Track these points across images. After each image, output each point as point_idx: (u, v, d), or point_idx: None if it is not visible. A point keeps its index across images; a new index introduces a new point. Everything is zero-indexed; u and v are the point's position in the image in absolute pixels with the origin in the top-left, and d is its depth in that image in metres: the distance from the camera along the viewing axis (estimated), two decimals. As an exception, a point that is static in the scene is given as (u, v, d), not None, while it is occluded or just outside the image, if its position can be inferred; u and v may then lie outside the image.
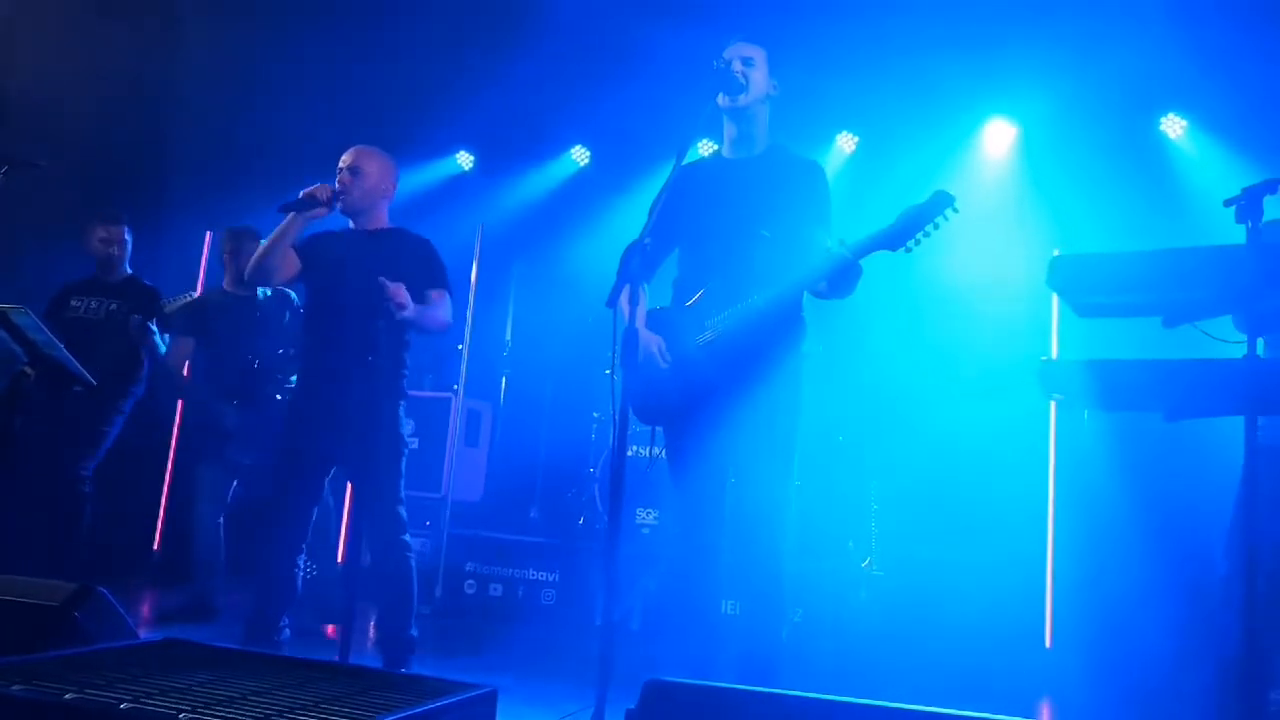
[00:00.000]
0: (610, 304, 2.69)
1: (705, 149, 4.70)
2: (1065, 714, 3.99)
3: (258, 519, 3.78)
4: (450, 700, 1.85)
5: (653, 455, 3.13)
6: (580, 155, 6.80)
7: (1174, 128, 5.44)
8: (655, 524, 5.32)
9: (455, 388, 5.85)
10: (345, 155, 3.52)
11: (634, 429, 3.37)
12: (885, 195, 4.28)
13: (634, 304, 2.56)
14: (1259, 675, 2.10)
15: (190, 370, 4.84)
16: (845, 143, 6.14)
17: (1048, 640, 4.65)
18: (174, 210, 6.09)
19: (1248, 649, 2.04)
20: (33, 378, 3.03)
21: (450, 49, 5.88)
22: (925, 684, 3.87)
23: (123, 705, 1.60)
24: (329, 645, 4.04)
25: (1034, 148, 5.69)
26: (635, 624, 4.68)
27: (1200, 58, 4.75)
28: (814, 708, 1.79)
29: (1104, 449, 4.75)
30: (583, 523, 5.64)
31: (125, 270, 4.90)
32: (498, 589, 5.13)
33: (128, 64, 5.67)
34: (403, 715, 1.70)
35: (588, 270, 5.19)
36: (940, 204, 2.75)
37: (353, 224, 3.55)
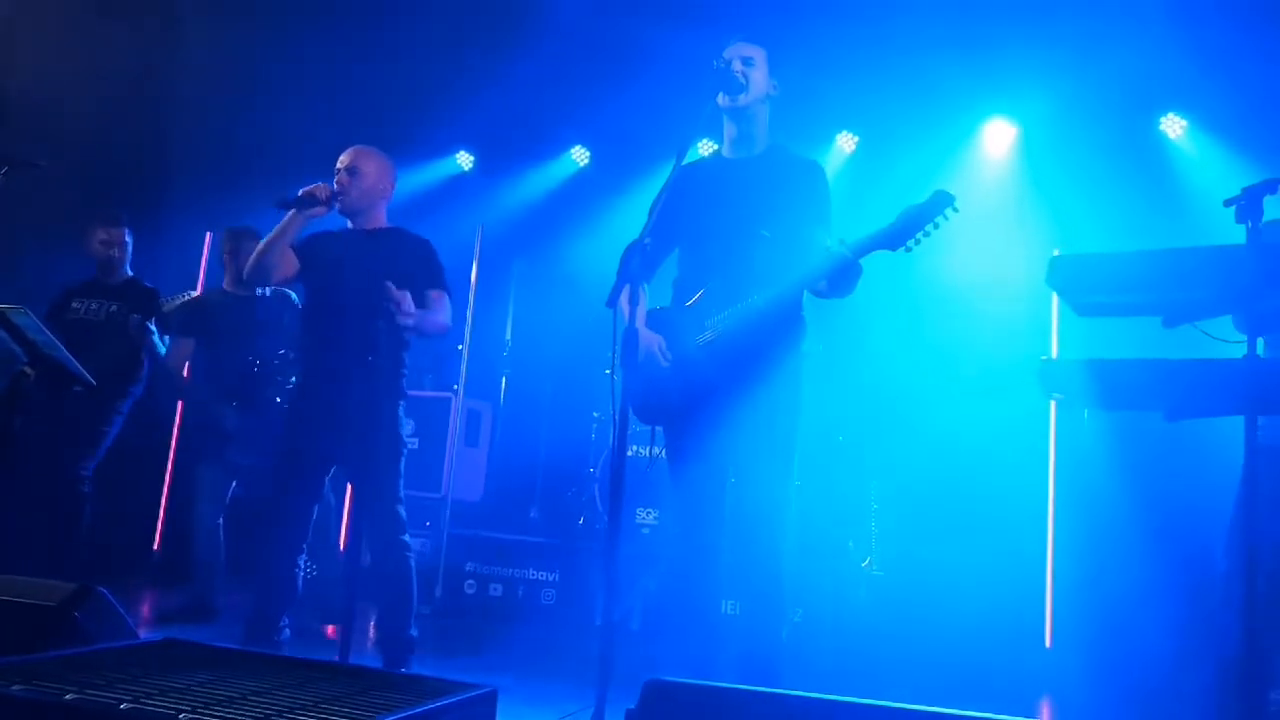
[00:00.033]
0: (610, 304, 2.69)
1: (705, 149, 4.70)
2: (1065, 714, 3.99)
3: (257, 519, 3.77)
4: (450, 700, 1.85)
5: (653, 455, 3.13)
6: (580, 155, 6.80)
7: (1174, 127, 5.44)
8: (655, 524, 5.31)
9: (455, 388, 5.86)
10: (343, 156, 3.52)
11: (634, 429, 3.37)
12: (885, 195, 4.27)
13: (634, 304, 2.56)
14: (1259, 675, 2.10)
15: (190, 371, 4.84)
16: (845, 142, 6.14)
17: (1048, 640, 4.65)
18: (174, 210, 6.09)
19: (1247, 649, 2.04)
20: (33, 378, 3.03)
21: (450, 49, 5.87)
22: (925, 683, 3.87)
23: (123, 705, 1.60)
24: (329, 645, 4.04)
25: (1034, 147, 5.69)
26: (635, 624, 4.68)
27: (1200, 58, 4.75)
28: (814, 707, 1.79)
29: (1104, 449, 4.75)
30: (583, 523, 5.64)
31: (126, 272, 4.90)
32: (498, 589, 5.13)
33: (128, 64, 5.67)
34: (403, 715, 1.70)
35: (588, 270, 5.19)
36: (940, 204, 2.75)
37: (351, 224, 3.54)
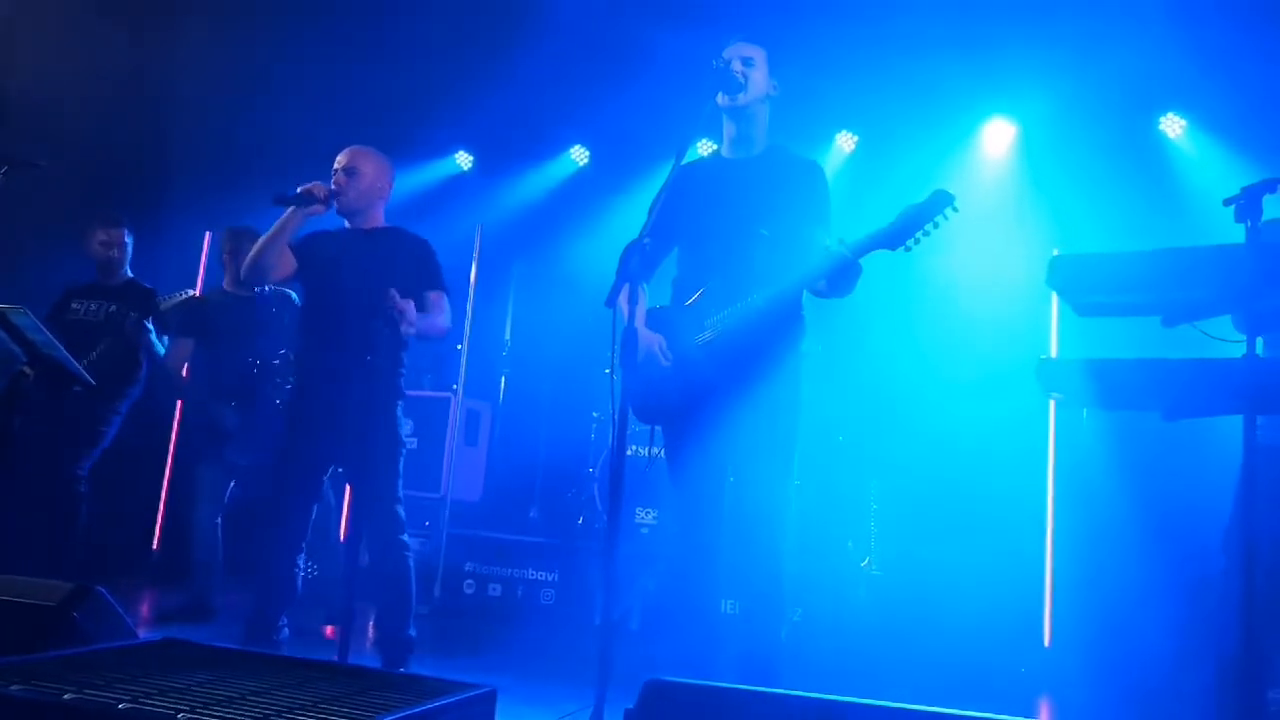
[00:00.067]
0: (609, 304, 2.69)
1: (705, 149, 4.70)
2: (1064, 713, 3.99)
3: (256, 519, 3.77)
4: (449, 700, 1.85)
5: (652, 455, 3.13)
6: (579, 155, 6.80)
7: (1173, 127, 5.44)
8: (654, 524, 5.31)
9: (454, 387, 5.86)
10: (340, 156, 3.51)
11: (633, 428, 3.37)
12: (885, 195, 4.27)
13: (633, 303, 2.56)
14: (1257, 674, 2.10)
15: (190, 370, 4.83)
16: (845, 142, 6.13)
17: (1046, 639, 4.65)
18: (174, 210, 6.08)
19: (1246, 648, 2.04)
20: (32, 378, 3.02)
21: (449, 49, 5.87)
22: (924, 683, 3.87)
23: (121, 705, 1.60)
24: (328, 645, 4.04)
25: (1033, 147, 5.69)
26: (634, 624, 4.68)
27: (1200, 57, 4.74)
28: (813, 707, 1.79)
29: (1103, 448, 4.74)
30: (582, 522, 5.63)
31: (126, 273, 4.90)
32: (497, 589, 5.13)
33: (128, 64, 5.67)
34: (402, 715, 1.70)
35: (587, 270, 5.19)
36: (940, 203, 2.75)
37: (349, 224, 3.53)
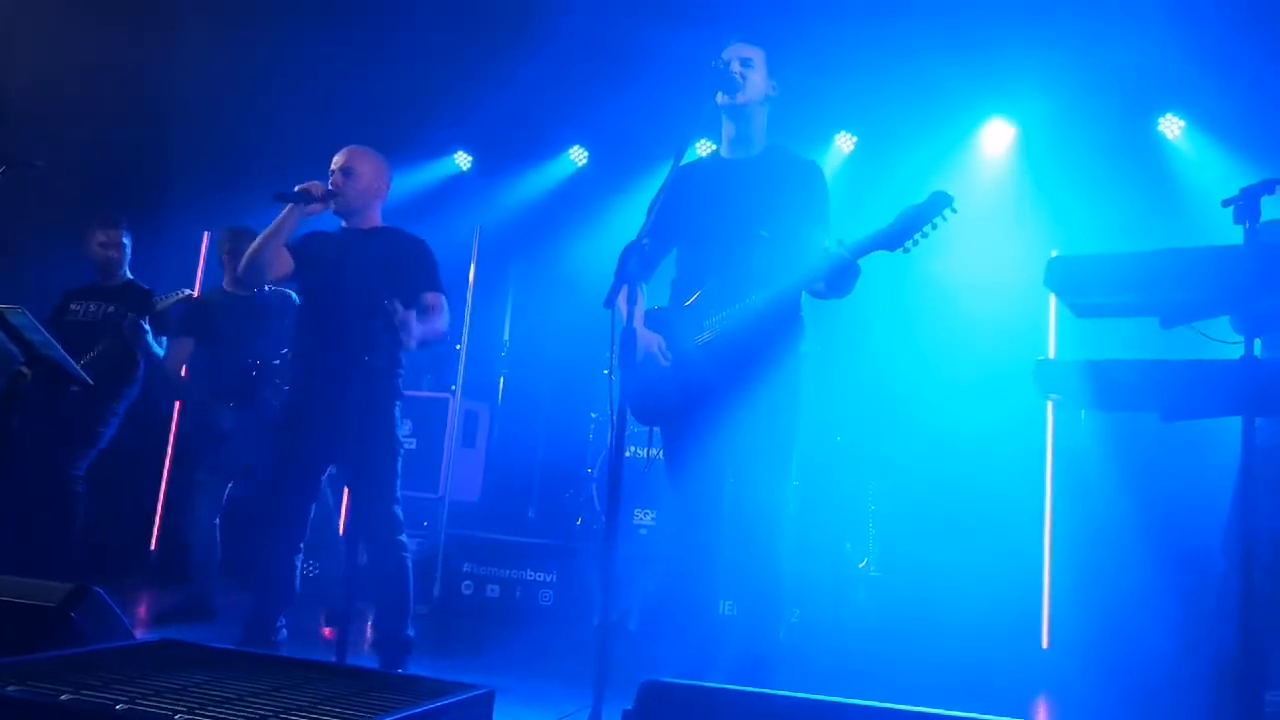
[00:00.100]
0: (608, 304, 2.69)
1: (704, 149, 4.70)
2: (1062, 714, 3.99)
3: (255, 519, 3.77)
4: (447, 701, 1.84)
5: (650, 456, 3.13)
6: (578, 155, 6.80)
7: (1172, 128, 5.45)
8: (653, 525, 5.31)
9: (453, 388, 5.85)
10: (337, 156, 3.50)
11: (632, 429, 3.38)
12: (884, 195, 4.27)
13: (632, 304, 2.56)
14: (1255, 676, 2.10)
15: (189, 371, 4.83)
16: (844, 143, 6.14)
17: (1045, 640, 4.65)
18: (173, 210, 6.08)
19: (1244, 650, 2.04)
20: (29, 378, 3.02)
21: (448, 50, 5.87)
22: (922, 684, 3.87)
23: (119, 706, 1.60)
24: (326, 645, 4.04)
25: (1033, 148, 5.69)
26: (633, 624, 4.67)
27: (1198, 58, 4.75)
28: (810, 708, 1.79)
29: (1101, 449, 4.75)
30: (580, 523, 5.63)
31: (125, 274, 4.90)
32: (495, 589, 5.12)
33: (128, 64, 5.67)
34: (400, 716, 1.70)
35: (586, 270, 5.19)
36: (939, 204, 2.75)
37: (346, 224, 3.53)
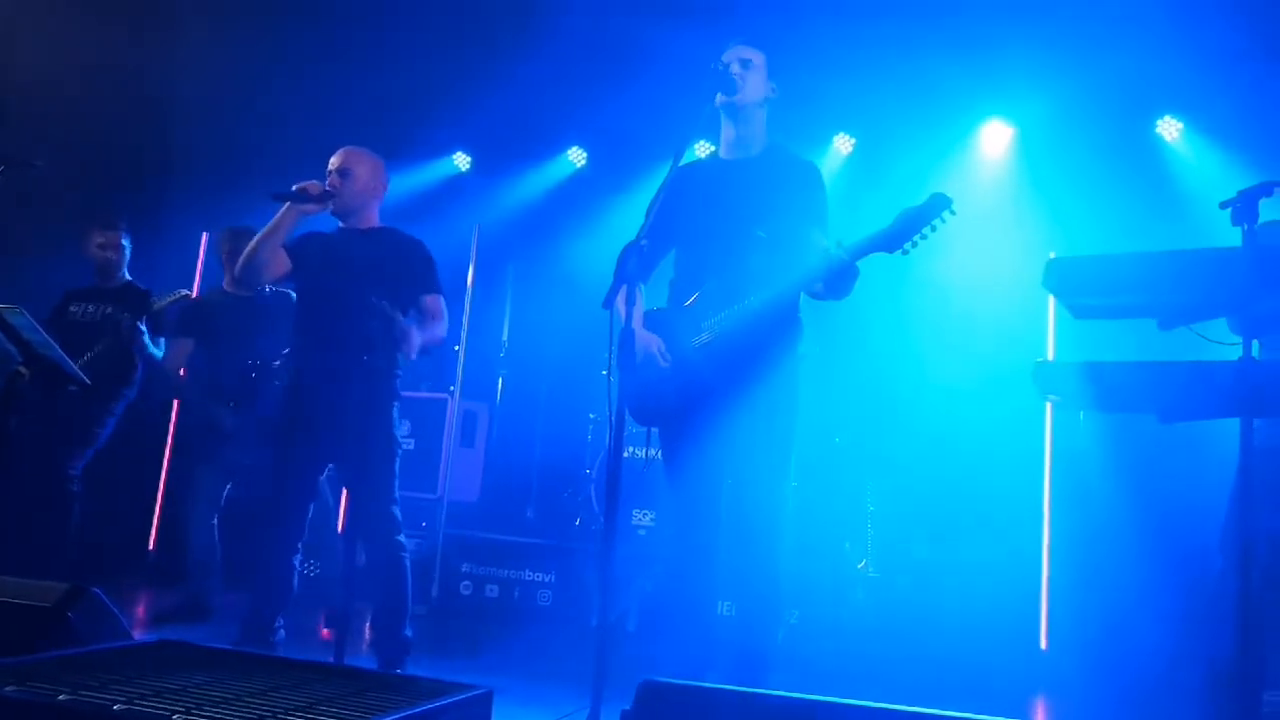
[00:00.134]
0: (607, 305, 2.69)
1: (702, 150, 4.70)
2: (1060, 715, 3.99)
3: (253, 519, 3.76)
4: (446, 701, 1.84)
5: (648, 456, 3.13)
6: (577, 156, 6.79)
7: (1170, 130, 5.45)
8: (651, 525, 5.31)
9: (451, 388, 5.85)
10: (334, 157, 3.50)
11: (630, 430, 3.38)
12: (882, 197, 4.28)
13: (631, 305, 2.56)
14: (1253, 676, 2.10)
15: (188, 371, 4.83)
16: (842, 144, 6.14)
17: (1043, 641, 4.66)
18: (173, 211, 6.08)
19: (1242, 651, 2.05)
20: (27, 377, 3.02)
21: (448, 51, 5.87)
22: (921, 685, 3.88)
23: (116, 706, 1.59)
24: (324, 646, 4.04)
25: (1031, 149, 5.69)
26: (631, 625, 4.67)
27: (1197, 61, 4.75)
28: (808, 709, 1.79)
29: (1100, 450, 4.75)
30: (579, 524, 5.63)
31: (124, 275, 4.91)
32: (494, 590, 5.12)
33: (128, 64, 5.67)
34: (398, 716, 1.70)
35: (584, 271, 5.19)
36: (938, 206, 2.75)
37: (343, 224, 3.52)
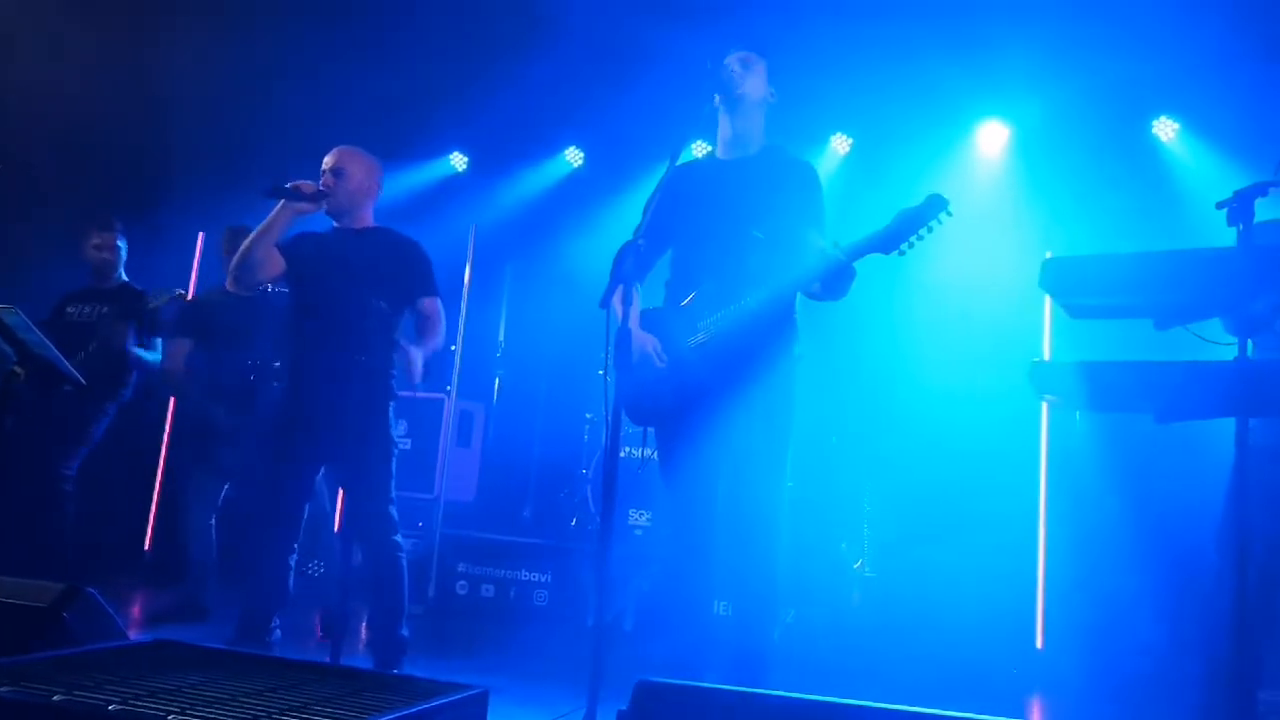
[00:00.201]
0: (603, 305, 2.69)
1: (699, 151, 4.70)
2: (1056, 714, 4.00)
3: (249, 519, 3.76)
4: (442, 701, 1.84)
5: (645, 456, 3.13)
6: (574, 156, 6.79)
7: (1166, 131, 5.46)
8: (648, 525, 5.31)
9: (448, 388, 5.85)
10: (328, 157, 3.48)
11: (626, 430, 3.38)
12: (879, 197, 4.28)
13: (627, 305, 2.56)
14: (1248, 676, 2.11)
15: (186, 371, 4.82)
16: (839, 144, 6.14)
17: (1039, 641, 4.66)
18: (172, 211, 6.08)
19: (1237, 650, 2.05)
20: (23, 377, 3.01)
21: (446, 51, 5.87)
22: (917, 684, 3.88)
23: (111, 707, 1.59)
24: (321, 646, 4.04)
25: (1027, 149, 5.70)
26: (628, 625, 4.67)
27: (1193, 61, 4.76)
28: (805, 709, 1.79)
29: (1095, 450, 4.76)
30: (575, 524, 5.63)
31: (120, 276, 4.91)
32: (490, 589, 5.12)
33: (128, 64, 5.66)
34: (395, 716, 1.69)
35: (581, 271, 5.19)
36: (935, 207, 2.76)
37: (337, 224, 3.51)
